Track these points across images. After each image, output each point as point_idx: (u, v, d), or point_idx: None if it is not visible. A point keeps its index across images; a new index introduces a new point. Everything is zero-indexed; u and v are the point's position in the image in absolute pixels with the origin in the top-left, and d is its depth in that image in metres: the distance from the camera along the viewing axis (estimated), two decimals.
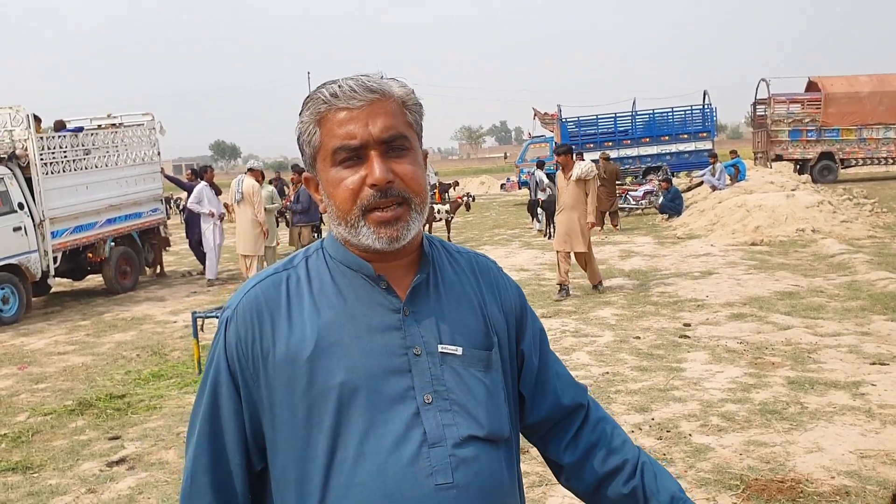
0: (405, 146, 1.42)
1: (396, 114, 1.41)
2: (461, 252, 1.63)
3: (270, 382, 1.41)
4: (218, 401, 1.45)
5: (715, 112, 28.02)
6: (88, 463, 5.38)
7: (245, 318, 1.43)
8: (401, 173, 1.40)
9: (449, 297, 1.51)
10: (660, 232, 17.61)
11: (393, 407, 1.39)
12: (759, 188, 18.97)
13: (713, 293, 9.99)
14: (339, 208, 1.41)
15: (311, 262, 1.51)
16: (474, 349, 1.47)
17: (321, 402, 1.38)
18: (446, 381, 1.43)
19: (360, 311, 1.43)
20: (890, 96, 27.85)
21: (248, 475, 1.47)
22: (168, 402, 6.67)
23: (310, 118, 1.43)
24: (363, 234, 1.40)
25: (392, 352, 1.41)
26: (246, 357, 1.42)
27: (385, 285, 1.45)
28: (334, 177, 1.41)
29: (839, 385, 6.00)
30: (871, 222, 15.72)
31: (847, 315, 8.34)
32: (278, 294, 1.45)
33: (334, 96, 1.39)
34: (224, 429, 1.44)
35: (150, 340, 9.29)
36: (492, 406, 1.46)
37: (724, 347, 7.32)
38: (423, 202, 1.44)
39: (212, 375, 1.46)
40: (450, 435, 1.39)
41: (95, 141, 12.99)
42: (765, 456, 4.78)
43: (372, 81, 1.41)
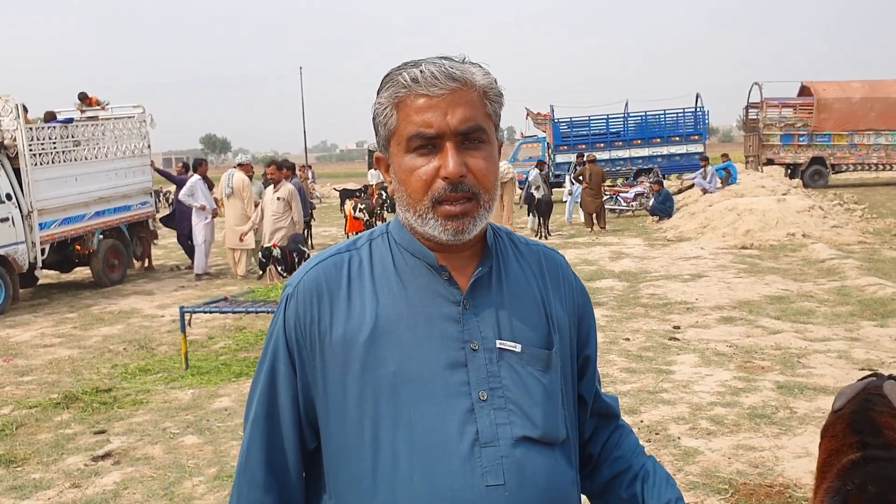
0: (482, 139, 1.39)
1: (476, 104, 1.38)
2: (529, 244, 1.59)
3: (326, 364, 1.41)
4: (275, 378, 1.46)
5: (707, 115, 28.05)
6: (73, 457, 5.32)
7: (305, 298, 1.44)
8: (474, 168, 1.37)
9: (511, 291, 1.48)
10: (650, 234, 17.63)
11: (446, 401, 1.36)
12: (750, 192, 19.02)
13: (703, 296, 9.99)
14: (410, 196, 1.40)
15: (374, 244, 1.49)
16: (534, 347, 1.44)
17: (373, 388, 1.37)
18: (503, 379, 1.40)
19: (420, 300, 1.42)
20: (882, 102, 27.95)
21: (302, 453, 1.47)
22: (154, 396, 6.62)
23: (387, 100, 1.40)
24: (430, 225, 1.38)
25: (449, 345, 1.39)
26: (303, 336, 1.43)
27: (447, 276, 1.43)
28: (408, 164, 1.39)
29: (828, 390, 6.00)
30: (861, 228, 15.78)
31: (836, 320, 8.35)
32: (339, 275, 1.45)
33: (415, 81, 1.36)
34: (280, 406, 1.45)
35: (137, 334, 9.22)
36: (549, 407, 1.43)
37: (714, 350, 7.32)
38: (493, 198, 1.42)
39: (270, 352, 1.47)
40: (503, 435, 1.36)
41: (85, 132, 12.90)
42: (753, 460, 4.77)
43: (455, 68, 1.37)
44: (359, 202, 18.35)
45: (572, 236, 17.79)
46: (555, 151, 27.80)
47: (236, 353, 8.04)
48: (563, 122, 28.39)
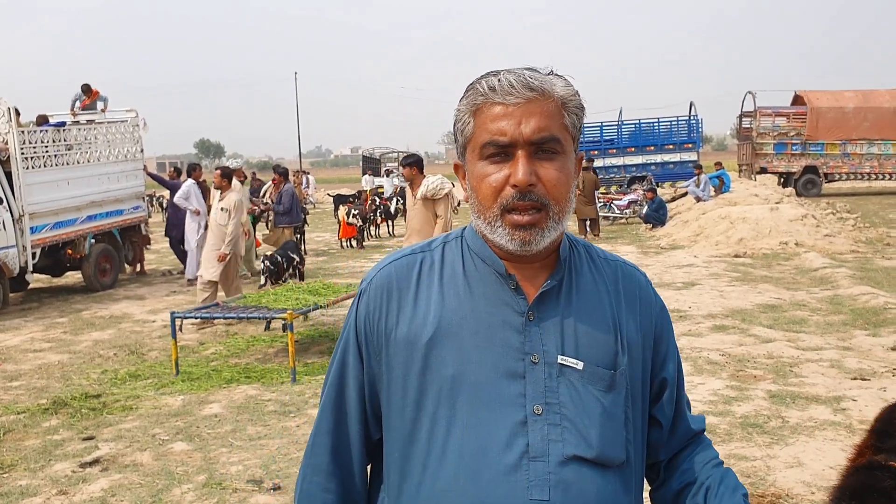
0: (556, 150, 1.38)
1: (553, 115, 1.37)
2: (608, 259, 1.56)
3: (390, 360, 1.43)
4: (345, 369, 1.50)
5: (701, 123, 28.19)
6: (61, 463, 5.28)
7: (376, 294, 1.47)
8: (545, 178, 1.36)
9: (581, 306, 1.45)
10: (643, 241, 17.65)
11: (501, 410, 1.36)
12: (744, 200, 19.07)
13: (696, 304, 9.99)
14: (480, 203, 1.40)
15: (447, 248, 1.51)
16: (597, 366, 1.41)
17: (431, 388, 1.39)
18: (560, 395, 1.38)
19: (485, 306, 1.41)
20: (875, 112, 28.10)
21: (367, 443, 1.51)
22: (144, 402, 6.57)
23: (466, 108, 1.42)
24: (498, 233, 1.38)
25: (509, 354, 1.38)
26: (372, 331, 1.46)
27: (514, 285, 1.42)
28: (480, 171, 1.39)
29: (820, 400, 5.99)
30: (853, 237, 15.81)
31: (829, 329, 8.35)
32: (410, 275, 1.47)
33: (492, 89, 1.36)
34: (347, 396, 1.50)
35: (127, 339, 9.17)
36: (607, 428, 1.40)
37: (707, 359, 7.31)
38: (563, 210, 1.40)
39: (342, 344, 1.52)
40: (554, 451, 1.35)
41: (78, 136, 12.85)
42: (745, 470, 4.75)
43: (534, 78, 1.36)
44: (352, 208, 18.32)
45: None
46: None
47: (227, 359, 8.00)
48: None
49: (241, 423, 5.92)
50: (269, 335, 8.91)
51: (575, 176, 1.44)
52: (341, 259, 16.39)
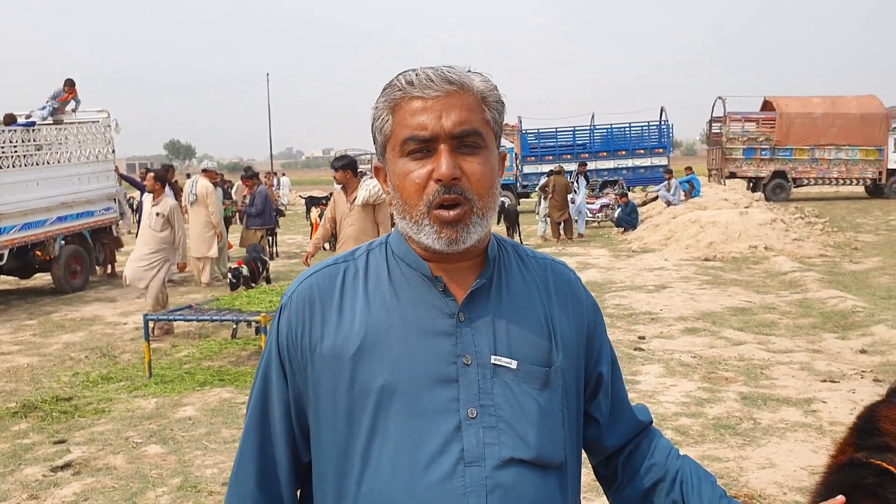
0: (478, 144, 1.35)
1: (473, 109, 1.35)
2: (537, 257, 1.54)
3: (317, 376, 1.38)
4: (268, 389, 1.44)
5: (671, 128, 28.41)
6: (31, 468, 5.21)
7: (297, 308, 1.41)
8: (469, 172, 1.34)
9: (512, 304, 1.42)
10: (615, 245, 17.77)
11: (434, 417, 1.32)
12: (714, 205, 19.26)
13: (667, 307, 10.08)
14: (404, 202, 1.36)
15: (372, 255, 1.46)
16: (531, 364, 1.38)
17: (361, 402, 1.34)
18: (495, 396, 1.34)
19: (413, 312, 1.37)
20: (842, 118, 28.56)
21: (295, 466, 1.45)
22: (117, 405, 6.51)
23: (384, 105, 1.38)
24: (424, 233, 1.34)
25: (440, 359, 1.35)
26: (295, 347, 1.40)
27: (442, 287, 1.39)
28: (402, 168, 1.36)
29: (791, 401, 6.08)
30: (822, 241, 16.04)
31: (798, 332, 8.47)
32: (332, 286, 1.41)
33: (410, 84, 1.34)
34: (272, 417, 1.43)
35: (99, 342, 9.07)
36: (545, 427, 1.37)
37: (678, 361, 7.38)
38: (488, 206, 1.37)
39: (264, 363, 1.45)
40: (490, 455, 1.32)
41: (48, 136, 12.69)
42: (718, 471, 4.80)
43: (452, 73, 1.35)
44: (324, 210, 18.23)
45: (538, 247, 17.86)
46: (522, 162, 27.96)
47: (200, 361, 7.94)
48: (530, 133, 28.59)
49: (215, 426, 5.88)
50: (242, 338, 8.85)
51: (499, 173, 1.42)
52: (314, 261, 16.31)
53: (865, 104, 29.20)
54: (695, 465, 1.54)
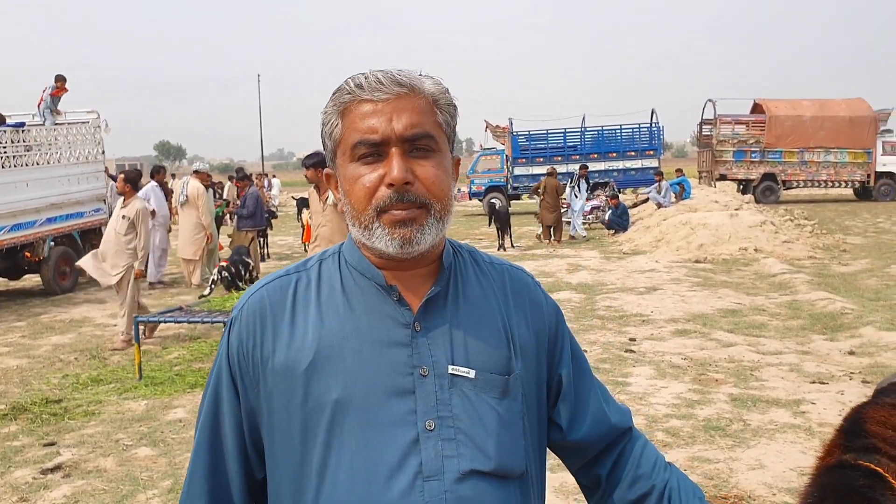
0: (431, 147, 1.32)
1: (425, 112, 1.32)
2: (494, 263, 1.50)
3: (269, 391, 1.33)
4: (219, 405, 1.39)
5: (662, 130, 28.49)
6: (21, 470, 5.19)
7: (248, 321, 1.36)
8: (422, 176, 1.30)
9: (469, 313, 1.39)
10: (606, 247, 17.81)
11: (391, 431, 1.28)
12: (704, 207, 19.32)
13: (658, 308, 10.11)
14: (354, 207, 1.32)
15: (324, 265, 1.42)
16: (490, 373, 1.35)
17: (315, 417, 1.30)
18: (453, 407, 1.31)
19: (368, 322, 1.33)
20: (831, 121, 28.71)
21: (248, 483, 1.40)
22: (107, 407, 6.49)
23: (332, 109, 1.34)
24: (376, 236, 1.30)
25: (396, 370, 1.30)
26: (246, 362, 1.36)
27: (397, 296, 1.35)
28: (352, 173, 1.32)
29: (780, 403, 6.11)
30: (811, 243, 16.12)
31: (788, 334, 8.51)
32: (284, 298, 1.37)
33: (359, 87, 1.30)
34: (224, 434, 1.38)
35: (88, 344, 9.04)
36: (504, 437, 1.34)
37: (669, 363, 7.41)
38: (444, 209, 1.33)
39: (214, 379, 1.40)
40: (449, 468, 1.28)
41: (38, 137, 12.65)
42: (709, 472, 4.83)
43: (402, 75, 1.31)
44: None
45: (529, 248, 17.90)
46: (513, 164, 28.01)
47: (191, 363, 7.92)
48: (521, 135, 28.64)
49: None
50: None
51: (453, 177, 1.38)
52: None
53: (854, 107, 29.36)
54: (683, 477, 1.50)
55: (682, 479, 1.49)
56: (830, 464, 1.65)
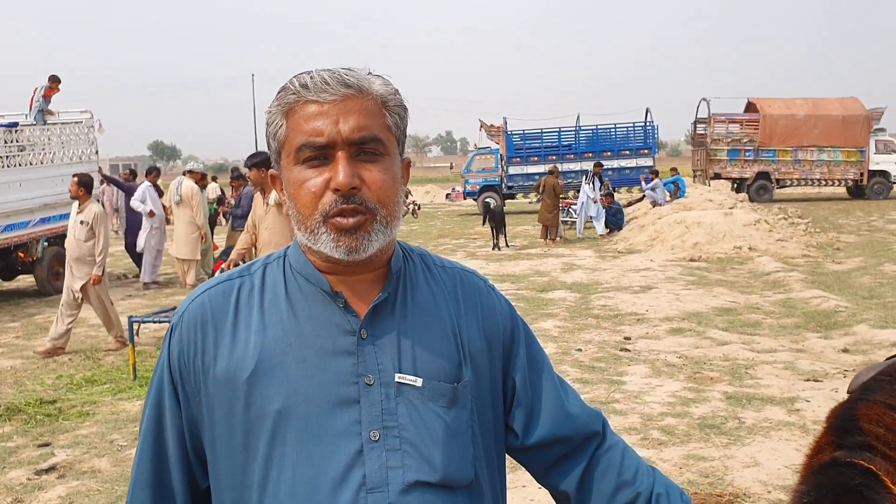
0: (378, 151, 1.28)
1: (373, 114, 1.28)
2: (445, 267, 1.46)
3: (210, 400, 1.30)
4: (161, 414, 1.35)
5: (656, 129, 28.52)
6: (16, 471, 5.17)
7: (189, 328, 1.32)
8: (369, 180, 1.26)
9: (417, 319, 1.35)
10: (601, 246, 17.82)
11: (334, 442, 1.25)
12: (698, 205, 19.34)
13: (653, 307, 10.13)
14: (299, 212, 1.28)
15: (269, 269, 1.38)
16: (438, 381, 1.31)
17: (257, 427, 1.26)
18: (399, 417, 1.28)
19: (311, 330, 1.30)
20: (824, 120, 28.78)
21: (193, 493, 1.37)
22: (101, 408, 6.48)
23: (277, 109, 1.30)
24: (322, 241, 1.26)
25: (341, 379, 1.27)
26: (188, 370, 1.32)
27: (343, 303, 1.31)
28: (297, 177, 1.28)
29: (775, 401, 6.12)
30: (805, 242, 16.15)
31: (782, 332, 8.53)
32: (227, 304, 1.33)
33: (305, 87, 1.26)
34: (167, 443, 1.35)
35: (83, 344, 9.02)
36: (452, 447, 1.30)
37: (664, 361, 7.42)
38: (391, 215, 1.29)
39: (155, 387, 1.36)
40: (393, 479, 1.25)
41: (31, 137, 12.61)
42: (704, 470, 4.84)
43: (349, 75, 1.27)
44: None
45: (524, 248, 17.91)
46: (508, 163, 28.01)
47: None
48: (515, 134, 28.65)
49: None
50: None
51: (402, 181, 1.34)
52: None
53: (847, 106, 29.43)
54: (669, 483, 1.44)
55: (669, 484, 1.44)
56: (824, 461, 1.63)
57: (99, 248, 8.49)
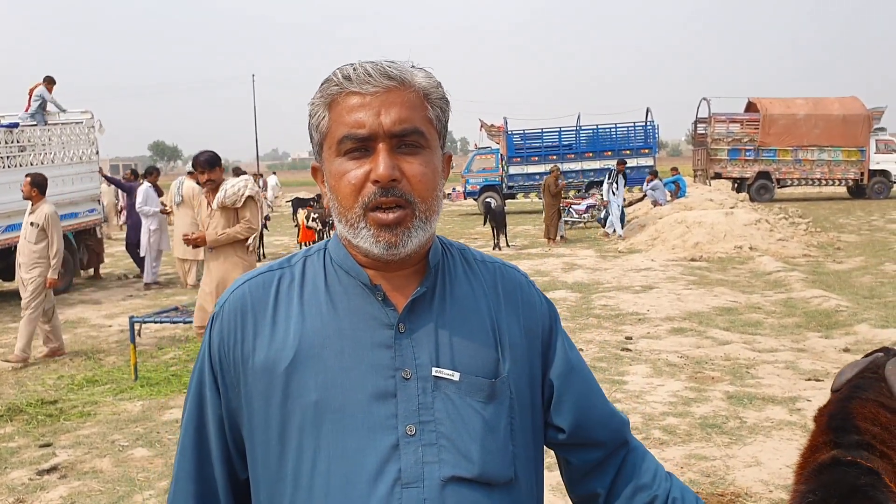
0: (419, 143, 1.27)
1: (415, 106, 1.27)
2: (485, 262, 1.45)
3: (249, 390, 1.30)
4: (202, 404, 1.36)
5: (657, 129, 28.51)
6: (17, 471, 5.18)
7: (229, 319, 1.33)
8: (409, 173, 1.26)
9: (456, 313, 1.34)
10: (602, 246, 17.82)
11: (370, 436, 1.25)
12: (699, 205, 19.32)
13: (654, 307, 10.12)
14: (340, 203, 1.28)
15: (309, 262, 1.38)
16: (475, 376, 1.30)
17: (294, 419, 1.26)
18: (436, 411, 1.27)
19: (350, 323, 1.29)
20: (824, 119, 28.76)
21: (233, 485, 1.37)
22: (103, 408, 6.48)
23: (320, 101, 1.30)
24: (362, 236, 1.26)
25: (378, 372, 1.26)
26: (227, 360, 1.32)
27: (381, 296, 1.31)
28: (338, 168, 1.27)
29: (776, 400, 6.12)
30: (805, 241, 16.14)
31: (783, 331, 8.53)
32: (267, 295, 1.33)
33: (347, 79, 1.26)
34: (208, 434, 1.35)
35: (84, 344, 9.03)
36: (489, 443, 1.29)
37: (665, 361, 7.42)
38: (430, 209, 1.29)
39: (196, 377, 1.37)
40: (429, 474, 1.24)
41: (31, 138, 12.61)
42: (705, 469, 4.84)
43: (392, 67, 1.27)
44: (312, 211, 18.23)
45: (525, 248, 17.91)
46: (508, 163, 28.00)
47: (187, 363, 7.91)
48: (516, 134, 28.63)
49: None
50: None
51: (443, 174, 1.34)
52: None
53: (847, 106, 29.41)
54: (684, 488, 1.45)
55: (685, 489, 1.44)
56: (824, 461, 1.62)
57: (53, 251, 8.19)
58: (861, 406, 1.72)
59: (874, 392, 1.74)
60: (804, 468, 1.70)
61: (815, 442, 1.73)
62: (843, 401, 1.76)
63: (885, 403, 1.71)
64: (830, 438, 1.68)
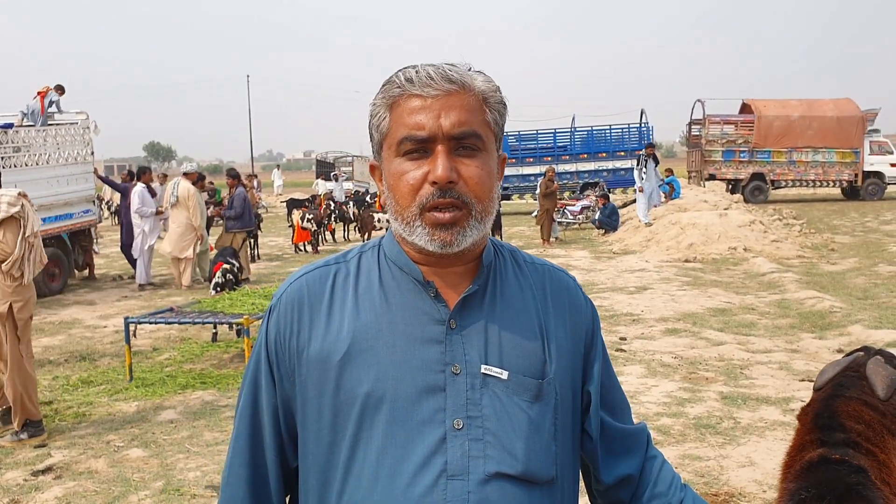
0: (477, 146, 1.31)
1: (474, 109, 1.31)
2: (535, 263, 1.49)
3: (303, 380, 1.35)
4: (257, 393, 1.40)
5: (651, 130, 28.56)
6: (12, 472, 5.17)
7: (286, 310, 1.38)
8: (466, 175, 1.29)
9: (505, 312, 1.37)
10: (596, 247, 17.84)
11: (419, 428, 1.28)
12: (693, 206, 19.36)
13: (648, 308, 10.15)
14: (397, 203, 1.32)
15: (364, 257, 1.42)
16: (523, 375, 1.33)
17: (346, 409, 1.31)
18: (483, 408, 1.30)
19: (402, 317, 1.33)
20: (819, 121, 28.82)
21: (284, 472, 1.42)
22: (98, 409, 6.47)
23: (382, 102, 1.34)
24: (417, 234, 1.30)
25: (428, 367, 1.30)
26: (283, 350, 1.37)
27: (434, 293, 1.35)
28: (397, 168, 1.31)
29: (770, 401, 6.14)
30: (799, 242, 16.19)
31: (777, 332, 8.56)
32: (323, 288, 1.38)
33: (409, 81, 1.30)
34: (262, 421, 1.40)
35: (78, 345, 9.01)
36: (534, 441, 1.32)
37: (660, 362, 7.44)
38: (486, 210, 1.32)
39: (252, 367, 1.42)
40: (474, 469, 1.27)
41: (26, 139, 12.59)
42: (700, 470, 4.85)
43: (453, 71, 1.30)
44: (306, 212, 18.23)
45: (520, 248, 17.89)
46: None
47: (182, 364, 7.91)
48: (511, 135, 28.66)
49: (197, 429, 5.86)
50: (223, 340, 8.82)
51: (498, 176, 1.38)
52: (296, 264, 16.27)
53: (842, 107, 29.48)
54: (697, 498, 1.48)
55: (697, 499, 1.47)
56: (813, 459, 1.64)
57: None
58: (845, 404, 1.74)
59: (857, 390, 1.77)
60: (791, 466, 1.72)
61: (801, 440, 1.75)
62: (827, 399, 1.79)
63: (868, 401, 1.74)
64: (817, 436, 1.71)
